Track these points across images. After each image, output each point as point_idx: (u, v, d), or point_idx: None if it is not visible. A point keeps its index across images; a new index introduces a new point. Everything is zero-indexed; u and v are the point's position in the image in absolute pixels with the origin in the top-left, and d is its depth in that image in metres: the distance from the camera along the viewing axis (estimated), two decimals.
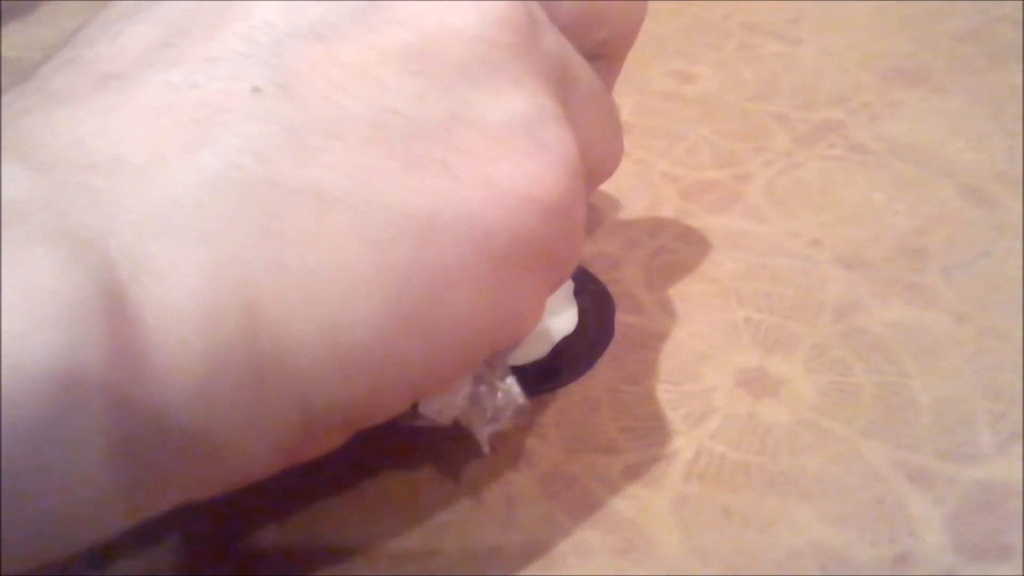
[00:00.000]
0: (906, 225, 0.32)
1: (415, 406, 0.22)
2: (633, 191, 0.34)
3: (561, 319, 0.28)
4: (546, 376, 0.27)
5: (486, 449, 0.23)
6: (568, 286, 0.29)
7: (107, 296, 0.15)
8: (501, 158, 0.19)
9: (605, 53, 0.25)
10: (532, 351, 0.27)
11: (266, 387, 0.17)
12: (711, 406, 0.26)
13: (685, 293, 0.30)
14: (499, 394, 0.23)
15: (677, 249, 0.32)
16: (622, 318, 0.29)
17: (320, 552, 0.23)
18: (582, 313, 0.29)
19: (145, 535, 0.23)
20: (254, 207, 0.17)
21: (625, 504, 0.24)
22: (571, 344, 0.28)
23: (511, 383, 0.23)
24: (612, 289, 0.30)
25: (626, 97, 0.39)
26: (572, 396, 0.27)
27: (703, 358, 0.28)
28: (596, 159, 0.23)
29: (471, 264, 0.19)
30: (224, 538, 0.23)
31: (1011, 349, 0.28)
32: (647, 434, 0.26)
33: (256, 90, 0.18)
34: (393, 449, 0.25)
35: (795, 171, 0.35)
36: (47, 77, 0.19)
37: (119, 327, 0.15)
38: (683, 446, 0.25)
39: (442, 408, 0.22)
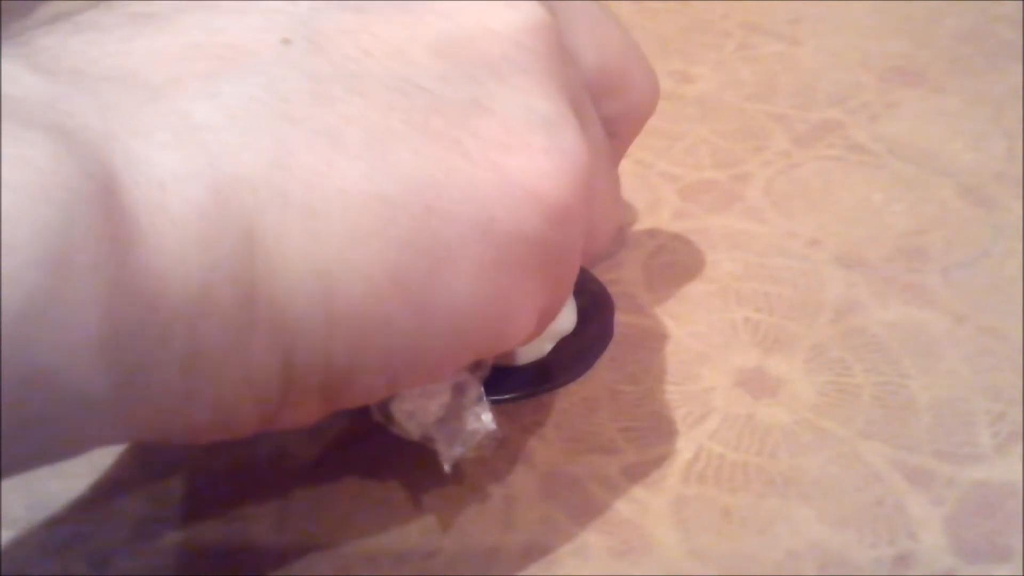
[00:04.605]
0: (905, 225, 0.32)
1: (389, 407, 0.22)
2: (632, 191, 0.34)
3: (560, 319, 0.28)
4: (546, 376, 0.27)
5: (448, 469, 0.23)
6: None
7: (101, 192, 0.16)
8: (515, 150, 0.19)
9: (615, 132, 0.25)
10: (532, 351, 0.27)
11: (255, 320, 0.17)
12: (710, 406, 0.26)
13: (684, 293, 0.30)
14: (471, 417, 0.23)
15: (676, 249, 0.32)
16: (621, 318, 0.29)
17: (319, 552, 0.23)
18: (581, 313, 0.29)
19: (145, 536, 0.23)
20: (266, 138, 0.17)
21: (624, 505, 0.24)
22: (570, 344, 0.28)
23: (485, 408, 0.23)
24: (611, 289, 0.30)
25: None
26: (571, 396, 0.27)
27: (702, 358, 0.28)
28: (595, 216, 0.22)
29: (473, 245, 0.19)
30: (223, 539, 0.23)
31: (1010, 349, 0.28)
32: (646, 434, 0.26)
33: (285, 41, 0.18)
34: (392, 449, 0.25)
35: (794, 171, 0.35)
36: (75, 13, 0.19)
37: (111, 221, 0.16)
38: (682, 446, 0.25)
39: (415, 412, 0.22)
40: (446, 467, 0.23)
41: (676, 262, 0.31)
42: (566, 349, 0.28)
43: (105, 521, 0.24)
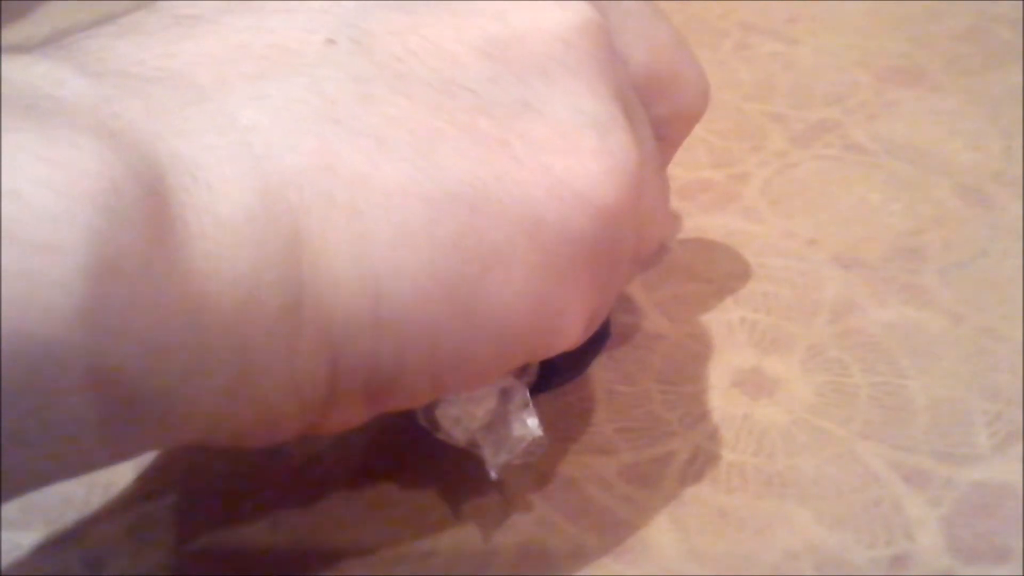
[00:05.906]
0: (903, 225, 0.32)
1: (434, 413, 0.22)
2: None
3: None
4: (542, 376, 0.27)
5: (494, 476, 0.22)
6: None
7: (149, 194, 0.15)
8: (564, 152, 0.19)
9: (664, 135, 0.24)
10: None
11: (302, 323, 0.17)
12: (707, 407, 0.26)
13: (681, 293, 0.30)
14: (517, 423, 0.22)
15: (673, 249, 0.32)
16: (618, 318, 0.29)
17: (314, 553, 0.23)
18: None
19: (140, 536, 0.23)
20: (311, 139, 0.17)
21: (621, 506, 0.24)
22: None
23: (532, 413, 0.23)
24: None
25: None
26: (568, 397, 0.27)
27: (699, 358, 0.28)
28: (643, 220, 0.22)
29: (520, 248, 0.19)
30: (218, 539, 0.23)
31: (1008, 349, 0.28)
32: (643, 435, 0.26)
33: (330, 41, 0.18)
34: (388, 450, 0.25)
35: (791, 171, 0.35)
36: (119, 17, 0.19)
37: (159, 224, 0.15)
38: (679, 447, 0.25)
39: (461, 417, 0.22)
40: (492, 474, 0.22)
41: (673, 262, 0.31)
42: None
43: (100, 522, 0.24)
